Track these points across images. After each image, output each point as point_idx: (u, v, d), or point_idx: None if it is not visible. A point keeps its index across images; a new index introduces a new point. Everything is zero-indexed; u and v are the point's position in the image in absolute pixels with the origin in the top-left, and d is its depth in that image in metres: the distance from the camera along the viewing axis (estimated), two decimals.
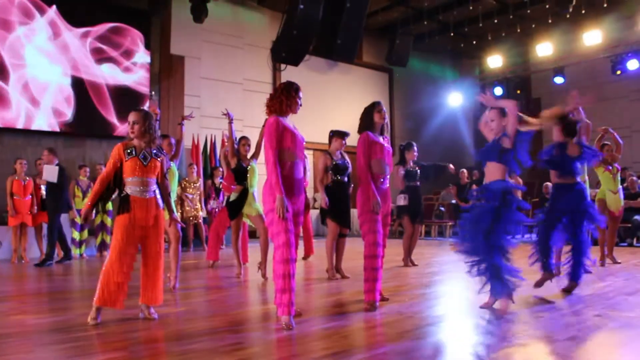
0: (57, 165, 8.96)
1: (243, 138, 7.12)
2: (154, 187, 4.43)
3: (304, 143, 4.40)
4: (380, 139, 4.98)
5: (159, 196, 4.47)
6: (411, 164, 8.03)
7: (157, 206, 4.41)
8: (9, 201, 9.32)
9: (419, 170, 8.10)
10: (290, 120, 4.37)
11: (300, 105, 4.35)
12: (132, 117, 4.38)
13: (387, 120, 5.07)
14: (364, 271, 4.80)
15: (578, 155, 5.41)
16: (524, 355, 3.32)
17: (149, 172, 4.37)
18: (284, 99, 4.26)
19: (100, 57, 12.27)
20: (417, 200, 8.17)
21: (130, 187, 4.31)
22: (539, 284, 5.42)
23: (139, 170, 4.30)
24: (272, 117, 4.22)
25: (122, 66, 12.51)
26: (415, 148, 8.08)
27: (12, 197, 9.32)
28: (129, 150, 4.32)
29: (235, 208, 6.90)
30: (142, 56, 12.81)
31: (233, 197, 6.88)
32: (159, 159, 4.46)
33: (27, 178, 9.51)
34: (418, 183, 8.12)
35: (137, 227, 4.28)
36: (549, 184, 8.98)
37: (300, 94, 4.36)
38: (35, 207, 9.49)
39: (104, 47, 12.32)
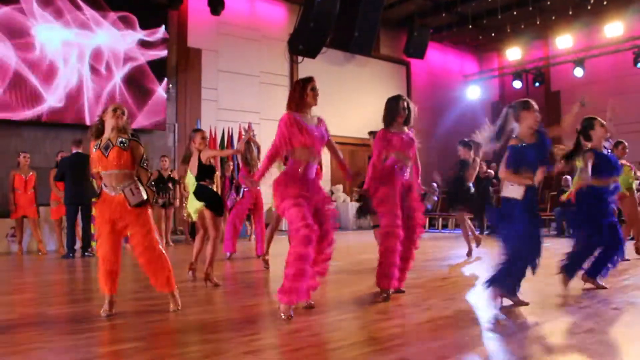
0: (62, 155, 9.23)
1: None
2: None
3: (324, 141, 4.34)
4: (405, 130, 5.09)
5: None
6: None
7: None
8: (10, 195, 9.38)
9: None
10: (313, 117, 4.33)
11: (316, 95, 4.28)
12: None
13: (414, 111, 5.19)
14: (380, 255, 4.75)
15: None
16: (542, 347, 3.30)
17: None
18: (294, 95, 4.27)
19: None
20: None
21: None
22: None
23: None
24: (284, 114, 4.23)
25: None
26: None
27: (13, 190, 9.38)
28: None
29: None
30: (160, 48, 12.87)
31: None
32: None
33: (31, 172, 9.55)
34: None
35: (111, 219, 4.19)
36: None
37: (313, 85, 4.29)
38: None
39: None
